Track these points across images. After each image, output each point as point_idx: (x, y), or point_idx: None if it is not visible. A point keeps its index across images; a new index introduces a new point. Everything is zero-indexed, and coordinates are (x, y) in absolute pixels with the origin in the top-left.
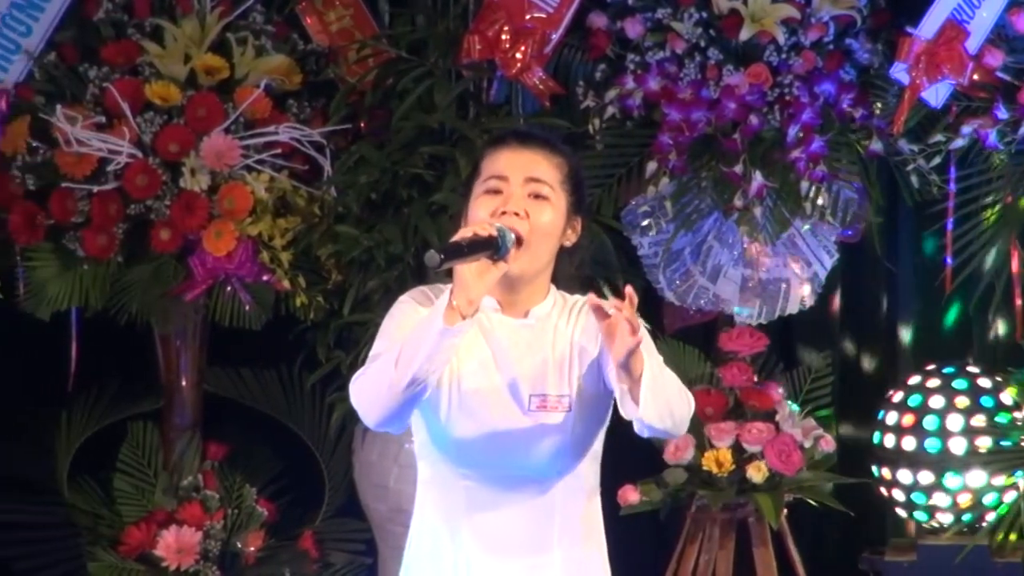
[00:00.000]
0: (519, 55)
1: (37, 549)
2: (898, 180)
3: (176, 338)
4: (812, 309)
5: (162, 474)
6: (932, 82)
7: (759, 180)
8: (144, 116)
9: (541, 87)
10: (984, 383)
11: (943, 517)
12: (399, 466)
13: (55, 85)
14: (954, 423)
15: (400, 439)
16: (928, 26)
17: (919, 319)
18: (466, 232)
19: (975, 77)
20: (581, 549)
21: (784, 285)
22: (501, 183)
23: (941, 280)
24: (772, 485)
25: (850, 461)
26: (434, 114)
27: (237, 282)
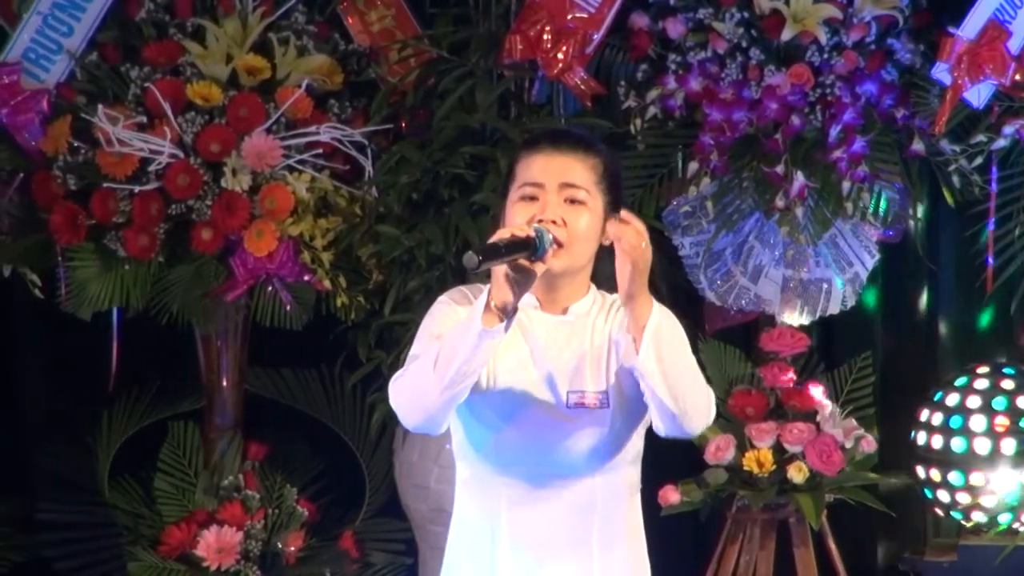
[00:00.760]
0: (561, 55)
1: (77, 549)
2: (940, 180)
3: (217, 338)
4: (852, 309)
5: (203, 474)
6: (974, 82)
7: (800, 180)
8: (185, 116)
9: (583, 87)
10: None
11: (981, 517)
12: (440, 466)
13: (96, 85)
14: (999, 423)
15: (441, 439)
16: (970, 26)
17: (960, 319)
18: (504, 233)
19: (1017, 77)
20: (621, 549)
21: (825, 285)
22: (537, 190)
23: (982, 280)
24: (813, 485)
25: (891, 461)
26: (475, 114)
27: (278, 282)
